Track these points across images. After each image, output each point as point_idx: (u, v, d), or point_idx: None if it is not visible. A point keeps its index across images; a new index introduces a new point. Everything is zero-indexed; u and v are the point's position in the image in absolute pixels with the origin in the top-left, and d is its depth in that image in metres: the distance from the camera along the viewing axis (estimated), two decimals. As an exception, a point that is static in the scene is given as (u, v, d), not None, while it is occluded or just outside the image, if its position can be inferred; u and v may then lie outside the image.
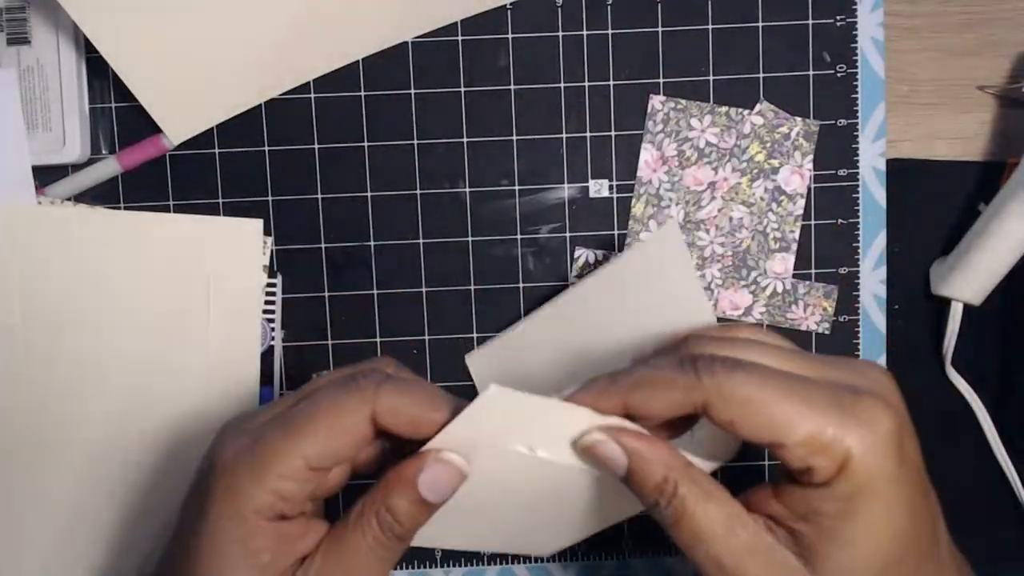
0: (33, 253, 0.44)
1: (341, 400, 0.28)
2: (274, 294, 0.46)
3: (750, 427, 0.27)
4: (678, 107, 0.46)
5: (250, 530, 0.28)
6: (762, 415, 0.27)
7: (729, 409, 0.27)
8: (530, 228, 0.46)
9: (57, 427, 0.44)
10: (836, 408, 0.27)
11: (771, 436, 0.27)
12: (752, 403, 0.27)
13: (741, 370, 0.28)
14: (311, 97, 0.46)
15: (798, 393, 0.27)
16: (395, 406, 0.28)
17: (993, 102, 0.47)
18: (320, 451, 0.28)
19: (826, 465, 0.27)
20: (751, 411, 0.27)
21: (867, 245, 0.46)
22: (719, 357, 0.28)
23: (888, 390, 0.29)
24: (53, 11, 0.43)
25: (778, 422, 0.27)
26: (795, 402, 0.27)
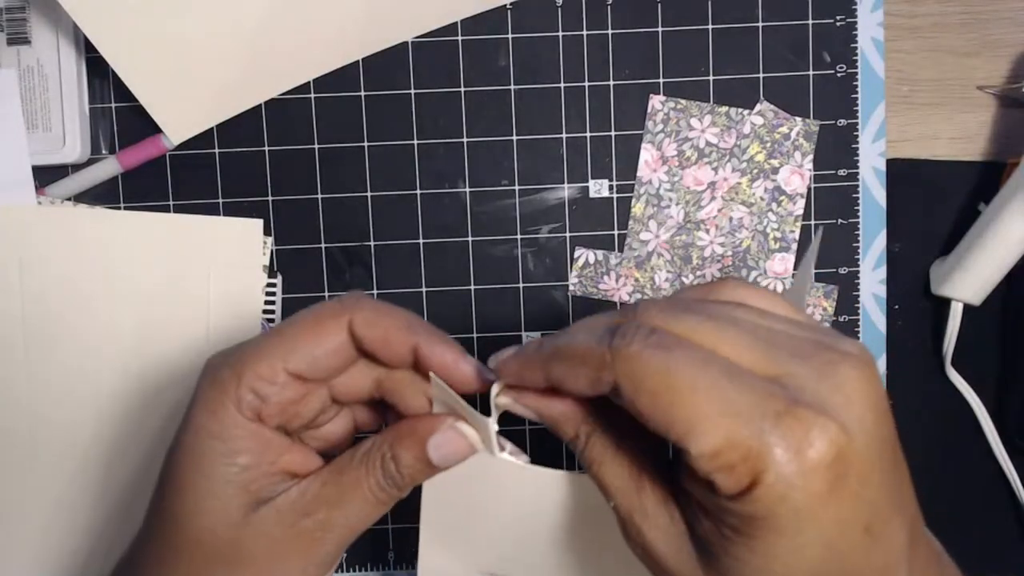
0: (33, 253, 0.44)
1: (321, 308, 0.29)
2: (274, 294, 0.46)
3: (652, 421, 0.23)
4: (678, 107, 0.46)
5: (229, 428, 0.28)
6: (667, 411, 0.23)
7: (636, 397, 0.23)
8: (530, 228, 0.46)
9: (56, 427, 0.44)
10: (762, 419, 0.22)
11: (673, 436, 0.23)
12: (660, 395, 0.23)
13: (661, 351, 0.23)
14: (311, 97, 0.46)
15: (720, 392, 0.22)
16: (371, 318, 0.29)
17: (993, 102, 0.47)
18: (299, 355, 0.28)
19: (729, 484, 0.22)
20: (657, 404, 0.23)
21: (867, 245, 0.46)
22: (645, 330, 0.24)
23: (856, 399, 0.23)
24: (53, 11, 0.43)
25: (683, 422, 0.23)
26: (713, 402, 0.22)
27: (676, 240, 0.46)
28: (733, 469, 0.22)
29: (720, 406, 0.22)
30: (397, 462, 0.29)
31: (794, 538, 0.22)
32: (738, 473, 0.22)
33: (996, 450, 0.46)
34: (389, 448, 0.29)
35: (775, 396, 0.22)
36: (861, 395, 0.23)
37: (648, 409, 0.23)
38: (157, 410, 0.45)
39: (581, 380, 0.25)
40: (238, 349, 0.29)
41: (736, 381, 0.23)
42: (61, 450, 0.44)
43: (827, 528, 0.22)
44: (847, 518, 0.23)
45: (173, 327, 0.45)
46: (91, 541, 0.45)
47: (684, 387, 0.23)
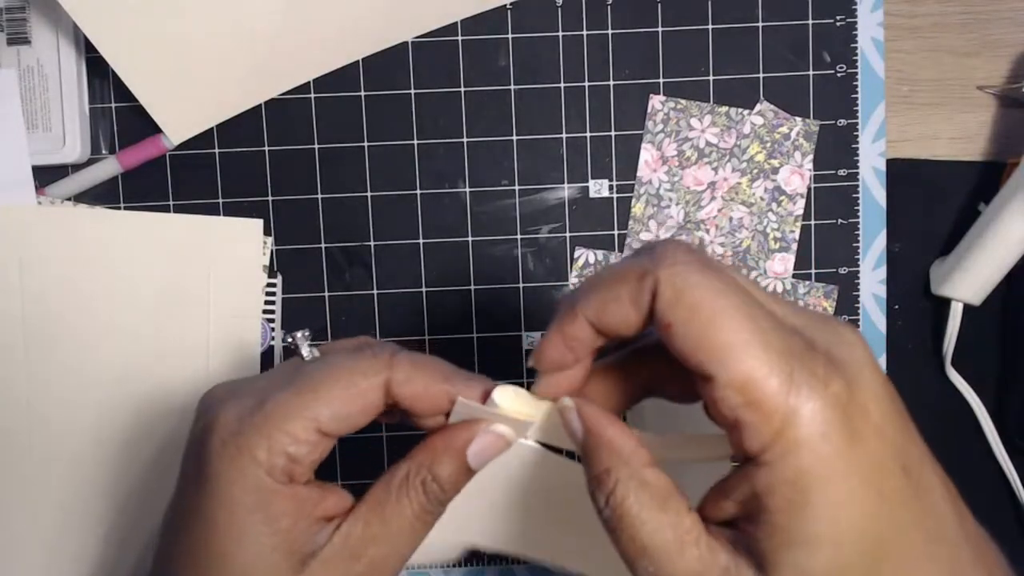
0: (33, 253, 0.44)
1: (357, 364, 0.27)
2: (274, 294, 0.46)
3: (684, 339, 0.22)
4: (678, 107, 0.46)
5: (266, 497, 0.26)
6: (702, 329, 0.22)
7: (673, 308, 0.23)
8: (530, 228, 0.46)
9: (56, 426, 0.44)
10: (790, 355, 0.22)
11: (703, 360, 0.22)
12: (698, 310, 0.22)
13: (703, 270, 0.23)
14: (311, 97, 0.46)
15: (754, 323, 0.22)
16: (408, 376, 0.27)
17: (993, 102, 0.47)
18: (334, 413, 0.27)
19: (758, 423, 0.21)
20: (695, 317, 0.22)
21: (867, 245, 0.46)
22: (685, 248, 0.24)
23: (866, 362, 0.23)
24: (53, 11, 0.43)
25: (717, 345, 0.22)
26: (746, 331, 0.22)
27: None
28: (763, 405, 0.21)
29: (753, 336, 0.22)
30: (439, 481, 0.28)
31: (839, 487, 0.22)
32: (768, 409, 0.21)
33: (996, 450, 0.46)
34: (428, 471, 0.28)
35: (802, 342, 0.22)
36: (865, 354, 0.23)
37: (681, 325, 0.22)
38: (157, 410, 0.45)
39: (621, 300, 0.24)
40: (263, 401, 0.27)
41: (769, 318, 0.23)
42: (61, 450, 0.44)
43: (867, 470, 0.22)
44: (883, 458, 0.22)
45: (173, 327, 0.45)
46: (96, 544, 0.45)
47: (724, 307, 0.22)
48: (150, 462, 0.45)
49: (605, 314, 0.24)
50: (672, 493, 0.25)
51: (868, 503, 0.22)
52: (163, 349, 0.45)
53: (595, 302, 0.25)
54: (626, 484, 0.24)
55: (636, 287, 0.23)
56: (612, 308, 0.24)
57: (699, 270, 0.23)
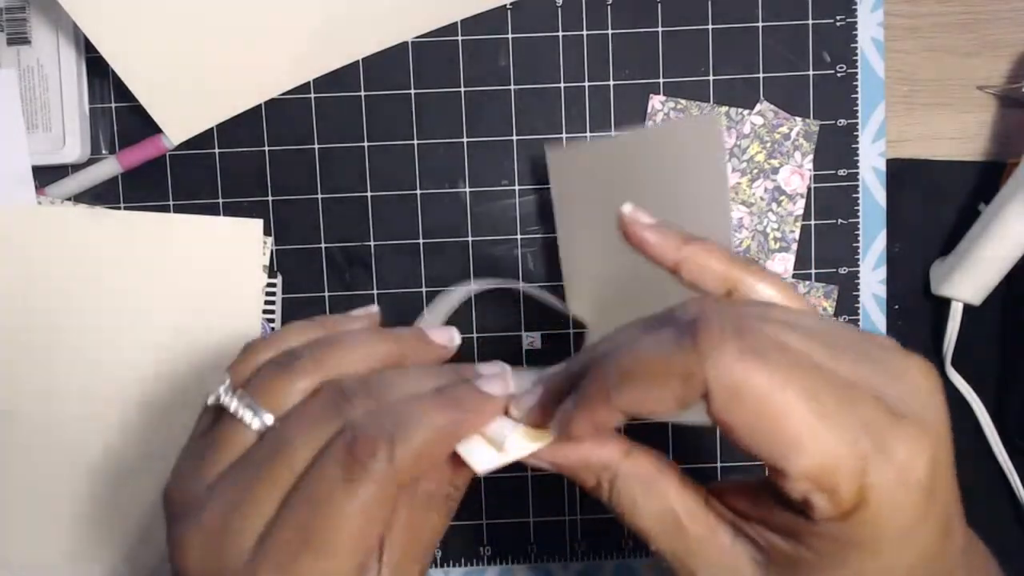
0: (33, 253, 0.44)
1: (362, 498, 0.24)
2: (274, 294, 0.46)
3: (748, 437, 0.21)
4: (678, 107, 0.46)
5: None
6: (766, 429, 0.21)
7: (730, 409, 0.21)
8: (530, 228, 0.46)
9: (56, 426, 0.44)
10: (865, 434, 0.21)
11: (772, 455, 0.21)
12: (762, 407, 0.21)
13: (759, 353, 0.21)
14: (311, 97, 0.46)
15: (820, 407, 0.21)
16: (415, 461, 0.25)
17: (993, 102, 0.47)
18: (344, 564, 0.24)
19: (829, 507, 0.21)
20: (756, 417, 0.21)
21: (867, 245, 0.46)
22: (729, 324, 0.21)
23: (933, 406, 0.22)
24: (53, 11, 0.43)
25: (786, 440, 0.21)
26: (812, 420, 0.20)
27: (676, 240, 0.46)
28: (836, 490, 0.21)
29: (823, 421, 0.20)
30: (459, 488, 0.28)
31: (892, 556, 0.21)
32: (841, 493, 0.21)
33: (996, 450, 0.46)
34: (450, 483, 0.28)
35: (870, 408, 0.21)
36: (936, 398, 0.22)
37: (744, 423, 0.21)
38: (158, 410, 0.45)
39: (664, 399, 0.22)
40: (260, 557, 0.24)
41: (833, 392, 0.21)
42: (61, 449, 0.44)
43: (922, 541, 0.22)
44: (936, 527, 0.22)
45: (173, 327, 0.45)
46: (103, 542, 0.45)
47: (786, 401, 0.20)
48: (150, 461, 0.45)
49: (643, 409, 0.23)
50: (658, 474, 0.25)
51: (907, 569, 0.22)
52: (163, 349, 0.45)
53: (633, 398, 0.23)
54: (615, 484, 0.25)
55: (682, 388, 0.21)
56: (652, 406, 0.22)
57: (752, 361, 0.21)
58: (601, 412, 0.24)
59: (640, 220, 0.28)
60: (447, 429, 0.25)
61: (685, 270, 0.27)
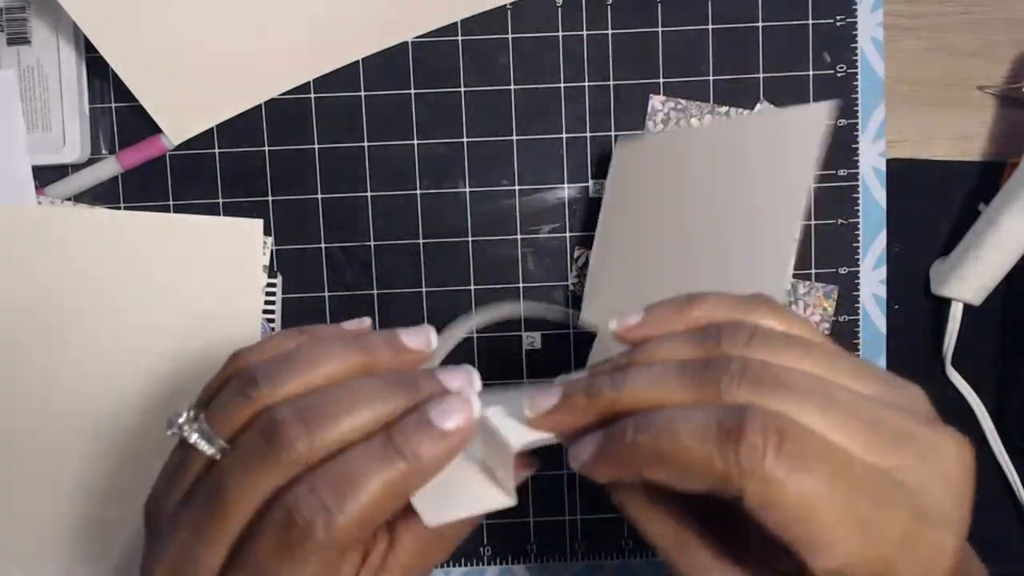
0: (33, 253, 0.44)
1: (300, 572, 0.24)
2: (274, 294, 0.46)
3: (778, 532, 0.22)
4: (678, 107, 0.46)
5: None
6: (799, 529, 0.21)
7: (763, 511, 0.21)
8: (530, 228, 0.46)
9: (57, 427, 0.44)
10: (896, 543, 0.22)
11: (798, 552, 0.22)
12: (795, 512, 0.21)
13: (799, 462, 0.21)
14: (311, 97, 0.46)
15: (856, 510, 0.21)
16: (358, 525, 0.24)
17: (993, 102, 0.47)
18: None
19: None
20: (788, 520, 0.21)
21: (867, 245, 0.46)
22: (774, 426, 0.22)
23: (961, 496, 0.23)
24: (53, 11, 0.43)
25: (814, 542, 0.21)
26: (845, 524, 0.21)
27: (676, 240, 0.46)
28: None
29: (856, 528, 0.21)
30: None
31: None
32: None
33: (996, 450, 0.46)
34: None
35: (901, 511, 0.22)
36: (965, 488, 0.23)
37: (775, 523, 0.22)
38: (158, 410, 0.45)
39: (694, 486, 0.23)
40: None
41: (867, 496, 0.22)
42: (61, 449, 0.44)
43: None
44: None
45: (173, 327, 0.45)
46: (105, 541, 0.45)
47: (823, 508, 0.21)
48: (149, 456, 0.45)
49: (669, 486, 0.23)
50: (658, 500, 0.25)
51: None
52: (163, 349, 0.45)
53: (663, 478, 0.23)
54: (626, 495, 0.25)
55: (717, 485, 0.22)
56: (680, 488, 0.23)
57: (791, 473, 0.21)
58: (624, 475, 0.24)
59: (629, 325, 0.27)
60: (392, 488, 0.24)
61: None
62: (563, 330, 0.46)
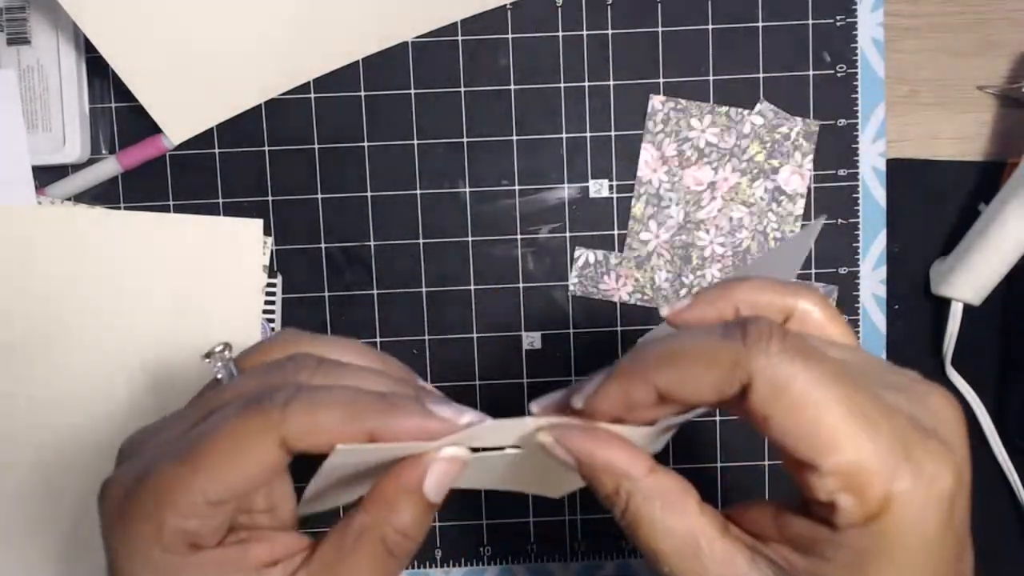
0: (33, 253, 0.44)
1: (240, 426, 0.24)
2: (274, 294, 0.46)
3: (785, 430, 0.22)
4: (678, 107, 0.46)
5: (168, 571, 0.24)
6: (805, 423, 0.21)
7: (772, 402, 0.22)
8: (530, 228, 0.46)
9: (56, 425, 0.44)
10: (896, 442, 0.22)
11: (806, 450, 0.22)
12: (803, 402, 0.21)
13: (804, 354, 0.22)
14: (311, 97, 0.46)
15: (861, 407, 0.22)
16: (309, 427, 0.23)
17: (993, 102, 0.47)
18: (219, 486, 0.23)
19: (855, 509, 0.22)
20: (797, 411, 0.22)
21: (867, 245, 0.46)
22: (776, 325, 0.22)
23: (956, 432, 0.23)
24: (53, 11, 0.43)
25: (823, 436, 0.21)
26: (853, 417, 0.21)
27: (676, 240, 0.46)
28: (863, 491, 0.21)
29: (859, 422, 0.21)
30: (404, 530, 0.25)
31: (909, 569, 0.22)
32: (868, 495, 0.21)
33: (996, 450, 0.46)
34: (387, 522, 0.25)
35: (903, 420, 0.22)
36: (957, 425, 0.24)
37: (782, 416, 0.22)
38: (158, 409, 0.45)
39: (704, 383, 0.23)
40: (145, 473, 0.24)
41: (869, 399, 0.22)
42: (61, 448, 0.44)
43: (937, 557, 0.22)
44: (952, 547, 0.23)
45: (173, 327, 0.45)
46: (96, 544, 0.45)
47: (827, 399, 0.21)
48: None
49: (680, 391, 0.23)
50: (680, 495, 0.25)
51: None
52: (163, 349, 0.45)
53: (673, 377, 0.23)
54: (635, 497, 0.24)
55: (724, 375, 0.22)
56: (691, 389, 0.23)
57: (797, 359, 0.22)
58: (635, 386, 0.24)
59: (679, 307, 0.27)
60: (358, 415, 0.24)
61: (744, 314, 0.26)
62: (563, 330, 0.46)
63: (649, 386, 0.23)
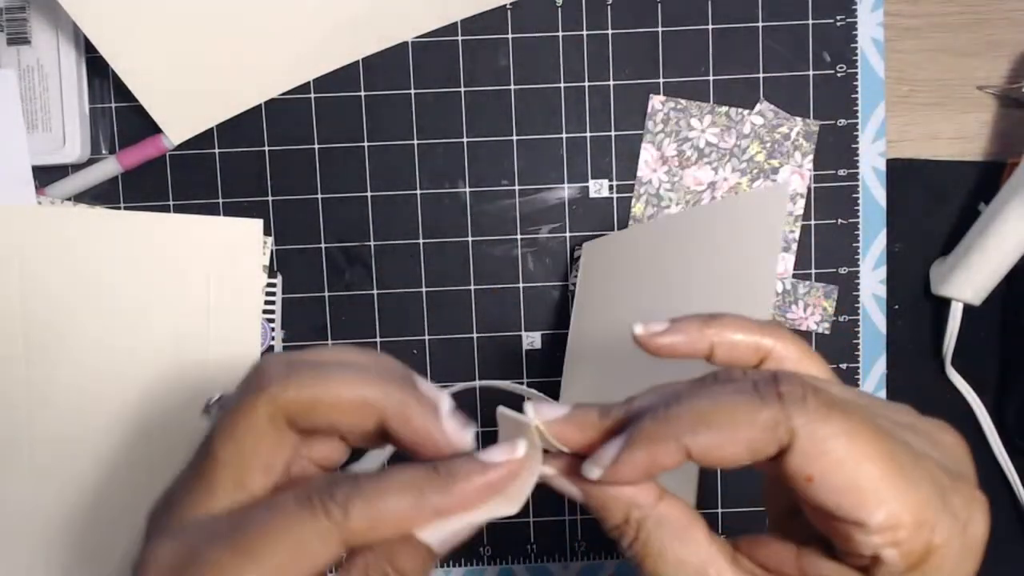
0: (33, 253, 0.44)
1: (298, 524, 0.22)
2: (274, 294, 0.46)
3: (828, 490, 0.21)
4: (678, 107, 0.46)
5: None
6: (849, 481, 0.21)
7: (813, 461, 0.21)
8: (530, 228, 0.46)
9: (57, 424, 0.44)
10: (934, 492, 0.22)
11: (850, 508, 0.21)
12: (846, 460, 0.21)
13: (839, 410, 0.22)
14: (311, 97, 0.46)
15: (897, 458, 0.21)
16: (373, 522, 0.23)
17: (993, 102, 0.47)
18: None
19: (898, 561, 0.21)
20: (840, 470, 0.21)
21: (867, 245, 0.46)
22: (807, 381, 0.22)
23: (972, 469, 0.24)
24: (53, 11, 0.43)
25: (868, 492, 0.21)
26: (893, 471, 0.21)
27: (676, 240, 0.46)
28: (908, 544, 0.21)
29: (900, 476, 0.21)
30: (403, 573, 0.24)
31: None
32: (911, 547, 0.21)
33: (996, 450, 0.46)
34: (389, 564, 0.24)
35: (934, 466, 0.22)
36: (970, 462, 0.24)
37: (825, 475, 0.21)
38: (158, 408, 0.45)
39: (741, 446, 0.22)
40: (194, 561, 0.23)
41: (904, 449, 0.22)
42: (61, 447, 0.44)
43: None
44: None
45: (173, 327, 0.45)
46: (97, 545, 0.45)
47: (868, 452, 0.21)
48: (150, 459, 0.45)
49: (716, 455, 0.22)
50: (690, 523, 0.24)
51: None
52: (163, 349, 0.45)
53: (708, 442, 0.22)
54: (645, 525, 0.24)
55: (763, 437, 0.22)
56: (728, 452, 0.22)
57: (833, 416, 0.21)
58: (664, 453, 0.23)
59: (653, 330, 0.26)
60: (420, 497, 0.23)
61: (718, 353, 0.26)
62: (563, 331, 0.46)
63: (680, 450, 0.22)
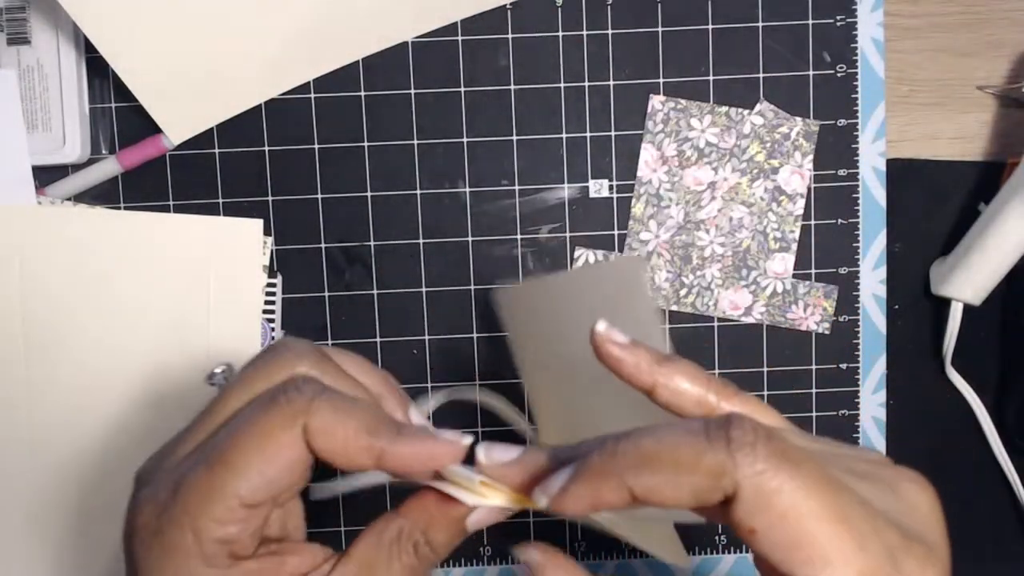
0: (33, 253, 0.44)
1: (265, 420, 0.24)
2: (274, 294, 0.46)
3: (773, 544, 0.21)
4: (678, 107, 0.46)
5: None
6: (796, 534, 0.20)
7: (758, 514, 0.21)
8: (530, 228, 0.46)
9: (57, 426, 0.44)
10: (883, 552, 0.21)
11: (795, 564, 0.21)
12: (791, 515, 0.20)
13: (788, 459, 0.21)
14: (311, 97, 0.46)
15: (848, 523, 0.21)
16: (329, 425, 0.24)
17: (993, 102, 0.47)
18: (253, 484, 0.23)
19: None
20: (785, 524, 0.20)
21: (867, 245, 0.46)
22: (760, 428, 0.21)
23: (936, 526, 0.23)
24: (53, 11, 0.43)
25: (813, 550, 0.20)
26: (841, 528, 0.20)
27: (676, 240, 0.46)
28: None
29: (849, 532, 0.21)
30: (434, 546, 0.26)
31: None
32: None
33: (996, 450, 0.46)
34: (423, 534, 0.26)
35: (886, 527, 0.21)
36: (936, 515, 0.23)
37: (770, 530, 0.21)
38: (158, 408, 0.45)
39: (684, 490, 0.21)
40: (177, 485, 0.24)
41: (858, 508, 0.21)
42: (60, 447, 0.44)
43: None
44: None
45: (173, 327, 0.45)
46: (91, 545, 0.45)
47: (814, 511, 0.20)
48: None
49: (657, 497, 0.21)
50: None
51: None
52: (163, 349, 0.45)
53: (649, 483, 0.21)
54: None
55: (707, 483, 0.21)
56: (669, 495, 0.21)
57: (783, 468, 0.21)
58: (607, 491, 0.22)
59: (613, 338, 0.26)
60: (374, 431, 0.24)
61: (660, 393, 0.26)
62: (563, 330, 0.46)
63: (623, 489, 0.22)
